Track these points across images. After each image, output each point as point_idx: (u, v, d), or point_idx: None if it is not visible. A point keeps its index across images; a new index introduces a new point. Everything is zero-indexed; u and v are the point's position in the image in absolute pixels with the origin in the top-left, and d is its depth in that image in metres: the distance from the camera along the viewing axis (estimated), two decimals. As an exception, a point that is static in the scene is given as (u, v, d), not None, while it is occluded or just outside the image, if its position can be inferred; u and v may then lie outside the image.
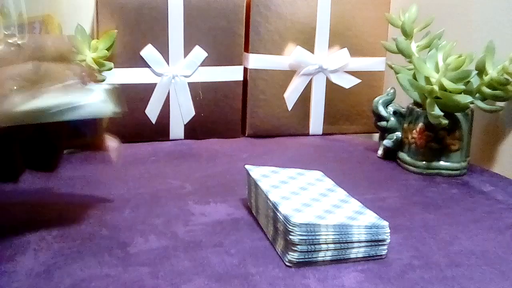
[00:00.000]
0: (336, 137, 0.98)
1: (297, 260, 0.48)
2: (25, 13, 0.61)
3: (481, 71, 0.74)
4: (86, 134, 0.55)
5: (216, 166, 0.78)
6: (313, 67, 0.95)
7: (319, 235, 0.47)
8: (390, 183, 0.72)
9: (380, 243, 0.50)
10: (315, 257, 0.48)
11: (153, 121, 0.89)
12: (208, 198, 0.64)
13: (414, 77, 0.75)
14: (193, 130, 0.92)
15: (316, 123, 0.99)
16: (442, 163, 0.75)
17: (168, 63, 0.88)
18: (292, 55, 0.94)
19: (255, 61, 0.93)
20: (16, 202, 0.61)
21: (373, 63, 0.99)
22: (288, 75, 0.95)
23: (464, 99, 0.70)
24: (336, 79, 0.97)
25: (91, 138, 0.56)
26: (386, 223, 0.50)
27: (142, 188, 0.67)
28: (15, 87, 0.45)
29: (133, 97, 0.87)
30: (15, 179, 0.52)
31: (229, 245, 0.52)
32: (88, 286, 0.44)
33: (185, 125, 0.91)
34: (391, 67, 0.82)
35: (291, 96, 0.96)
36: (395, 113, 0.81)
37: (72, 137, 0.54)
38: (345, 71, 0.97)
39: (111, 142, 0.58)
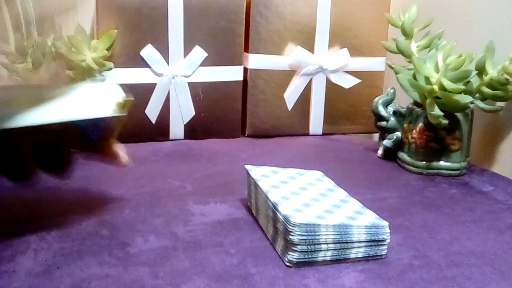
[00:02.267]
0: (336, 137, 0.98)
1: (297, 260, 0.48)
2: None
3: (481, 71, 0.74)
4: (94, 141, 0.55)
5: (216, 166, 0.78)
6: (313, 67, 0.95)
7: (319, 235, 0.47)
8: (390, 183, 0.72)
9: (380, 243, 0.50)
10: (315, 257, 0.48)
11: (153, 121, 0.89)
12: (208, 198, 0.64)
13: (414, 77, 0.75)
14: (193, 130, 0.92)
15: (316, 123, 0.99)
16: (442, 163, 0.75)
17: (168, 63, 0.88)
18: (292, 55, 0.94)
19: (255, 61, 0.93)
20: (16, 202, 0.61)
21: (373, 63, 0.99)
22: (288, 75, 0.95)
23: (464, 99, 0.70)
24: (336, 79, 0.97)
25: (100, 145, 0.56)
26: (386, 223, 0.50)
27: (142, 188, 0.67)
28: None
29: (133, 97, 0.87)
30: (25, 179, 0.51)
31: (229, 245, 0.52)
32: (88, 286, 0.44)
33: (185, 125, 0.91)
34: (391, 67, 0.82)
35: (291, 96, 0.96)
36: (395, 113, 0.81)
37: (81, 143, 0.54)
38: (345, 71, 0.97)
39: (121, 151, 0.58)
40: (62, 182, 0.67)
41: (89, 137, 0.54)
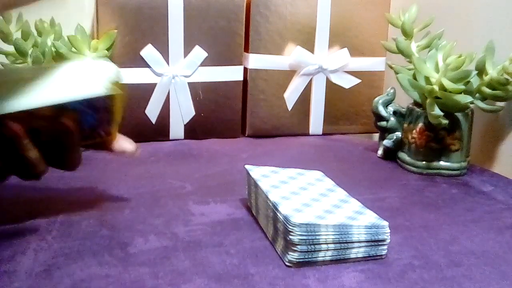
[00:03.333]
0: (336, 137, 0.98)
1: (297, 260, 0.48)
2: None
3: (481, 71, 0.74)
4: (100, 134, 0.54)
5: (216, 166, 0.78)
6: (313, 67, 0.95)
7: (319, 235, 0.47)
8: (390, 183, 0.72)
9: (380, 243, 0.50)
10: (315, 257, 0.48)
11: (153, 121, 0.89)
12: (208, 198, 0.64)
13: (414, 77, 0.75)
14: (193, 130, 0.92)
15: (316, 123, 0.99)
16: (442, 163, 0.75)
17: (168, 63, 0.88)
18: (292, 55, 0.94)
19: (255, 61, 0.93)
20: (16, 201, 0.61)
21: (373, 63, 0.99)
22: (288, 75, 0.95)
23: (464, 99, 0.70)
24: (336, 79, 0.97)
25: (105, 138, 0.55)
26: (386, 223, 0.50)
27: (142, 188, 0.67)
28: None
29: (133, 97, 0.87)
30: (36, 177, 0.51)
31: (229, 245, 0.52)
32: (88, 286, 0.44)
33: (185, 125, 0.91)
34: (391, 67, 0.82)
35: (291, 96, 0.96)
36: (395, 113, 0.81)
37: (85, 136, 0.53)
38: (345, 71, 0.97)
39: (127, 144, 0.58)
40: (62, 182, 0.67)
41: (89, 122, 0.52)
